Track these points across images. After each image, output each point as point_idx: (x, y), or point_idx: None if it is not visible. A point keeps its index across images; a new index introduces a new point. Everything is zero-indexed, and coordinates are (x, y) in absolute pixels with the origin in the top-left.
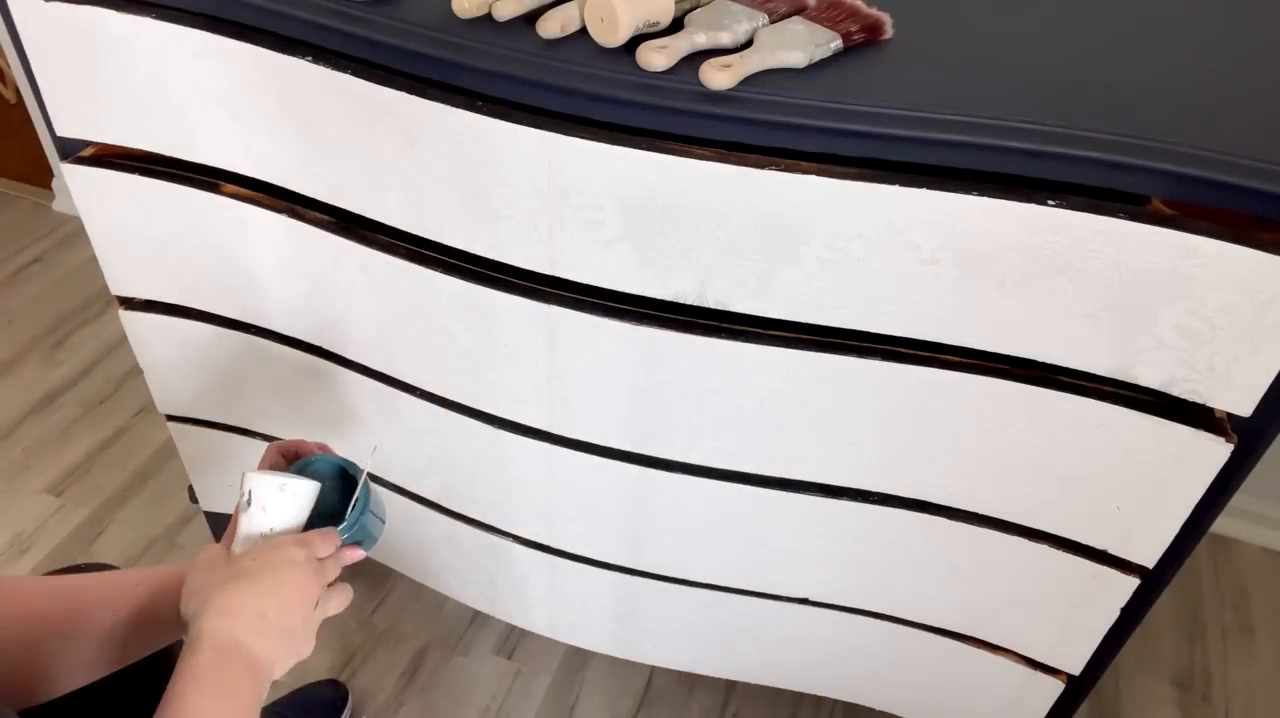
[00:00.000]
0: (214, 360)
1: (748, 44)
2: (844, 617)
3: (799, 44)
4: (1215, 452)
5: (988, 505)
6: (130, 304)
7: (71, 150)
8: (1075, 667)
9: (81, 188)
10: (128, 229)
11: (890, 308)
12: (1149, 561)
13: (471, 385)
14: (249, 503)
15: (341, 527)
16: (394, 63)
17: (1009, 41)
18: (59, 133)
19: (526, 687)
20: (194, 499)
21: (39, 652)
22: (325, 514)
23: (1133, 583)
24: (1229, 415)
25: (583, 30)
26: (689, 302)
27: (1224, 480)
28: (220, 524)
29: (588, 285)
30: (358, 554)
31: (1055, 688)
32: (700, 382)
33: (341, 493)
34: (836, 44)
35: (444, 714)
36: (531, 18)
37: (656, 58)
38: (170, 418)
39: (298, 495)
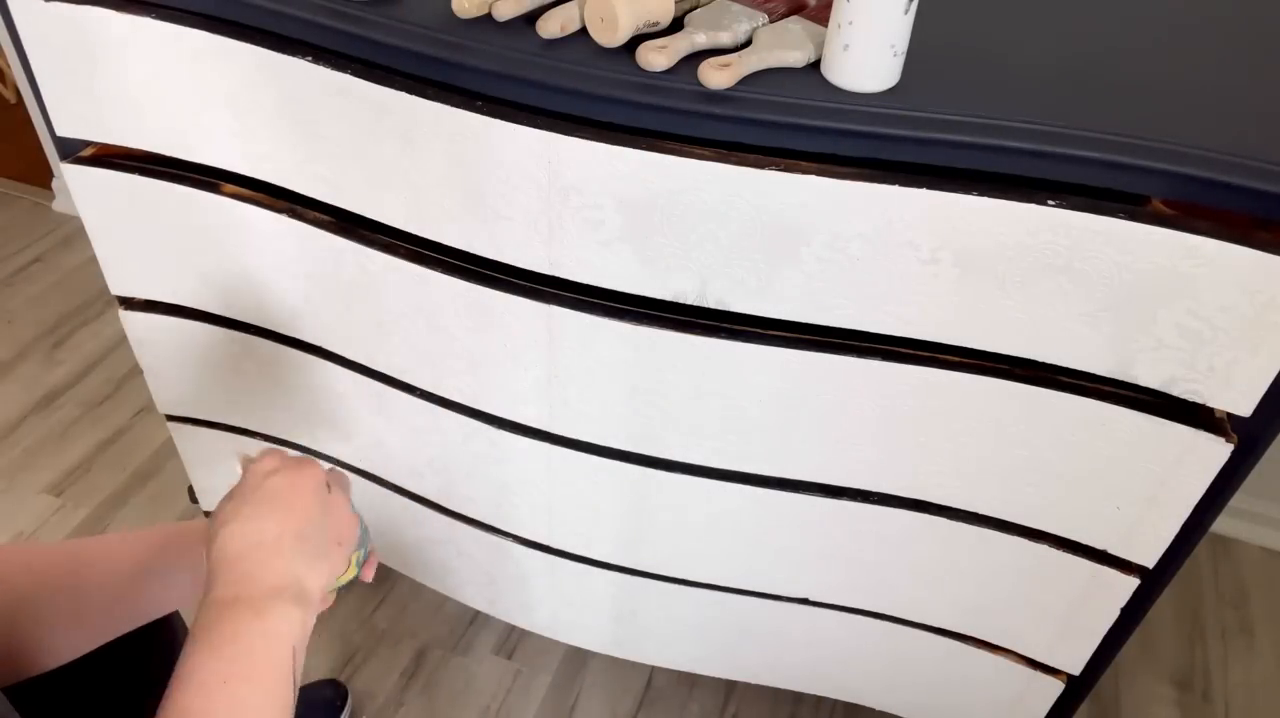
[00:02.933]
0: (214, 360)
1: (747, 44)
2: (844, 617)
3: (797, 43)
4: (1215, 452)
5: (988, 505)
6: (130, 304)
7: (71, 150)
8: (1075, 667)
9: (81, 188)
10: (128, 229)
11: (890, 308)
12: (1149, 561)
13: (471, 385)
14: None
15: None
16: (394, 63)
17: (1009, 41)
18: (59, 133)
19: (526, 687)
20: (194, 499)
21: (39, 609)
22: None
23: (1133, 583)
24: (1229, 415)
25: (583, 30)
26: (689, 302)
27: (1224, 480)
28: None
29: (588, 285)
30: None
31: (1055, 688)
32: (700, 382)
33: None
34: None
35: (444, 714)
36: (531, 18)
37: (656, 58)
38: (170, 418)
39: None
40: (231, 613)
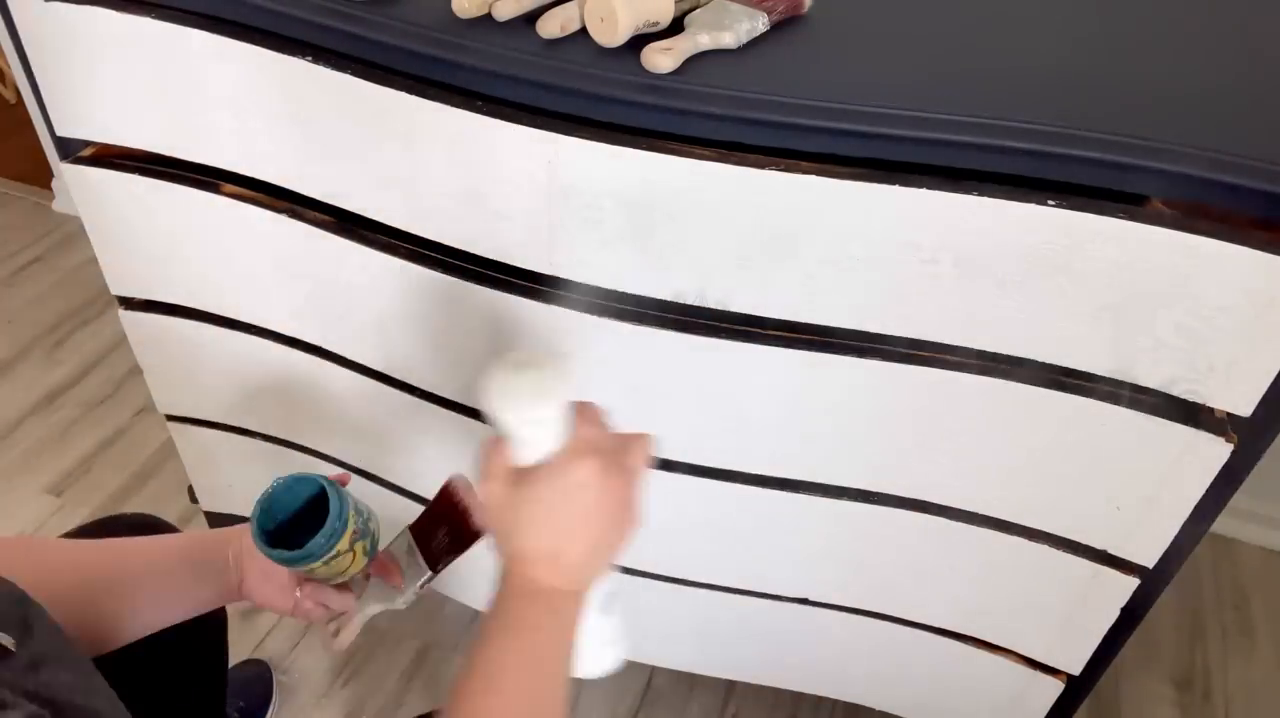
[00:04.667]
0: (214, 360)
1: (750, 43)
2: (844, 617)
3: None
4: (1215, 452)
5: (988, 505)
6: (130, 304)
7: (71, 150)
8: (1075, 667)
9: (81, 188)
10: (128, 229)
11: (890, 308)
12: (1149, 561)
13: (471, 386)
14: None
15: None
16: (394, 63)
17: (1009, 41)
18: (59, 133)
19: None
20: (194, 499)
21: (91, 598)
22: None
23: (1133, 583)
24: (1229, 415)
25: (583, 30)
26: (689, 302)
27: (1224, 480)
28: (220, 524)
29: (588, 285)
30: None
31: (1055, 688)
32: (700, 382)
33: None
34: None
35: None
36: (531, 18)
37: (663, 60)
38: (170, 418)
39: (544, 422)
40: (532, 607)
